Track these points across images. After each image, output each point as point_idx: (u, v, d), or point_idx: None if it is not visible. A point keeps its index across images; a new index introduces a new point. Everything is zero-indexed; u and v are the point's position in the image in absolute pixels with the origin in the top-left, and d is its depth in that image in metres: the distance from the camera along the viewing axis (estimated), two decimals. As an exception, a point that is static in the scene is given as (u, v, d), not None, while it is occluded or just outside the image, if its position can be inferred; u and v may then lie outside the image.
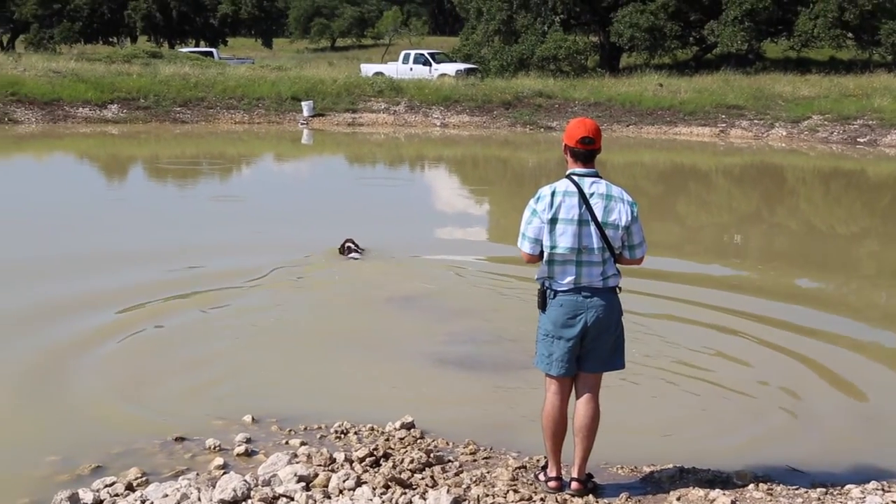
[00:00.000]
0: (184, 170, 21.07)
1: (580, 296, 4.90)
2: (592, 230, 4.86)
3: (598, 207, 4.87)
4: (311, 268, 11.10)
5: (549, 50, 40.05)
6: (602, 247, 4.88)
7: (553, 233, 4.87)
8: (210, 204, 16.16)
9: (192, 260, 11.17)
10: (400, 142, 28.64)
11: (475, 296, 9.92)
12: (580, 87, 34.22)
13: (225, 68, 37.34)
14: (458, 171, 23.03)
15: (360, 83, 34.01)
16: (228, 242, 12.49)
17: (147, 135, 27.65)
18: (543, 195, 4.93)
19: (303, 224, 14.34)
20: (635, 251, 4.99)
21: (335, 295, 9.89)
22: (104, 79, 31.74)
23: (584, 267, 4.89)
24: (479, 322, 8.82)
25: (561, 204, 4.87)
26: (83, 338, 8.01)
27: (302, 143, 28.05)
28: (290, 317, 8.99)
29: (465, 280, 10.74)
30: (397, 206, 16.97)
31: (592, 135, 4.93)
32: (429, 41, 72.79)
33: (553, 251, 4.89)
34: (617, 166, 22.80)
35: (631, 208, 4.92)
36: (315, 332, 8.51)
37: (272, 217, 14.95)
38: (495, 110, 31.96)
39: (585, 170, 4.95)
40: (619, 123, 30.69)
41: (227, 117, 30.80)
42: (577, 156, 4.96)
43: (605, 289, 4.94)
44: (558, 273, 4.92)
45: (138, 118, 29.68)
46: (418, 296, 9.83)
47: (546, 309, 4.99)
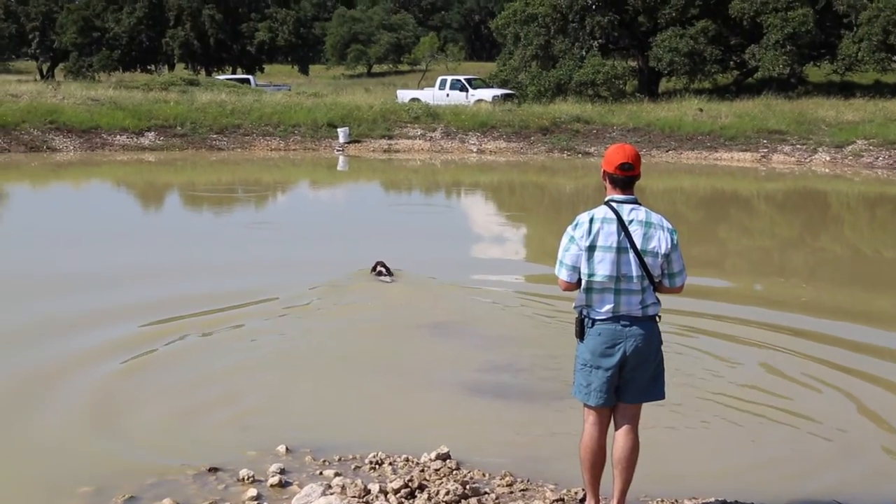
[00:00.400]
0: (219, 197, 21.24)
1: (619, 325, 4.86)
2: (631, 258, 4.83)
3: (637, 234, 4.84)
4: (342, 290, 11.15)
5: (587, 75, 40.03)
6: (641, 275, 4.84)
7: (591, 260, 4.84)
8: (244, 229, 16.27)
9: (220, 284, 11.26)
10: (436, 168, 28.71)
11: (510, 322, 9.87)
12: (619, 112, 34.15)
13: (261, 95, 37.74)
14: (494, 198, 23.02)
15: (396, 109, 34.18)
16: (258, 266, 12.64)
17: (183, 162, 27.95)
18: (581, 222, 4.90)
19: (334, 247, 14.45)
20: (675, 279, 4.94)
21: (366, 319, 9.90)
22: (142, 106, 32.18)
23: (623, 295, 4.84)
24: (515, 349, 8.77)
25: (599, 231, 4.84)
26: (106, 362, 8.07)
27: (337, 170, 28.20)
28: (320, 342, 9.00)
29: (499, 305, 10.70)
30: (432, 230, 17.00)
31: (632, 161, 4.90)
32: (465, 67, 73.05)
33: (591, 279, 4.85)
34: (656, 192, 22.68)
35: (671, 235, 4.89)
36: (347, 358, 8.49)
37: (304, 241, 15.06)
38: (532, 136, 31.96)
39: (624, 196, 4.92)
40: (658, 149, 30.56)
41: (263, 144, 31.06)
42: (615, 182, 4.93)
43: (645, 317, 4.89)
44: (596, 301, 4.88)
45: (175, 145, 30.02)
46: (452, 321, 9.80)
47: (584, 338, 4.94)
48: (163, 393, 7.41)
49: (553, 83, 40.67)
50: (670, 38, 41.03)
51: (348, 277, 11.76)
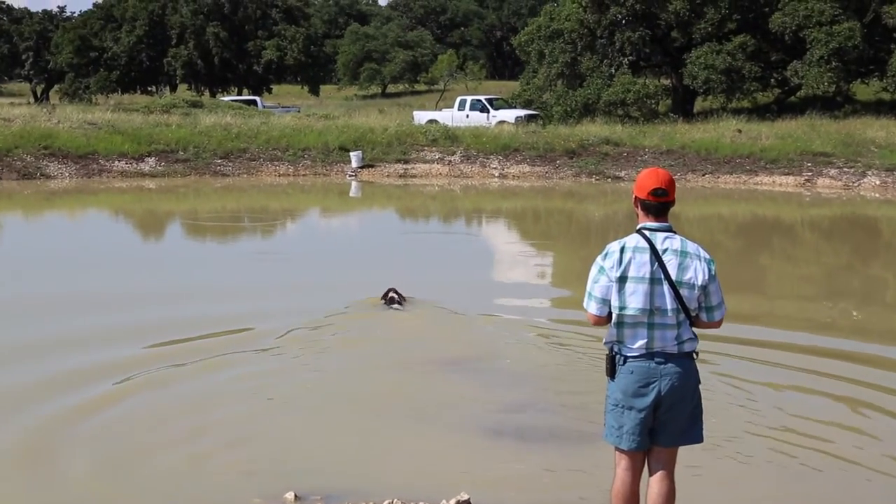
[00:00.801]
0: (223, 227, 21.33)
1: (653, 362, 4.83)
2: (665, 290, 4.81)
3: (672, 265, 4.83)
4: (350, 322, 11.18)
5: (617, 94, 40.11)
6: (676, 308, 4.82)
7: (622, 292, 4.83)
8: (247, 259, 16.32)
9: (219, 317, 11.29)
10: (455, 194, 28.76)
11: (534, 357, 9.82)
12: (651, 133, 34.16)
13: (269, 117, 37.97)
14: (517, 225, 23.02)
15: (412, 132, 34.32)
16: (259, 297, 12.73)
17: (186, 189, 28.12)
18: (612, 251, 4.89)
19: (343, 275, 14.58)
20: (713, 313, 4.93)
21: (377, 354, 9.90)
22: (141, 130, 32.43)
23: (657, 330, 4.83)
24: (540, 387, 8.72)
25: (631, 261, 4.83)
26: (94, 407, 8.08)
27: (350, 196, 28.28)
28: (328, 379, 9.00)
29: (521, 339, 10.67)
30: (448, 258, 17.02)
31: (665, 186, 4.90)
32: (486, 86, 73.36)
33: (622, 312, 4.84)
34: (691, 219, 22.63)
35: (708, 266, 4.87)
36: (357, 396, 8.47)
37: (311, 269, 15.14)
38: (558, 159, 32.00)
39: (658, 224, 4.91)
40: (693, 173, 30.52)
41: (270, 169, 31.23)
42: (648, 209, 4.93)
43: (681, 354, 4.86)
44: (628, 336, 4.86)
45: (177, 171, 30.22)
46: (469, 356, 9.77)
47: (615, 376, 4.92)
48: (162, 434, 7.40)
49: (580, 103, 40.75)
50: (706, 54, 41.08)
51: (357, 307, 11.79)
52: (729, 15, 42.64)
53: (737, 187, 29.30)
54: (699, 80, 41.27)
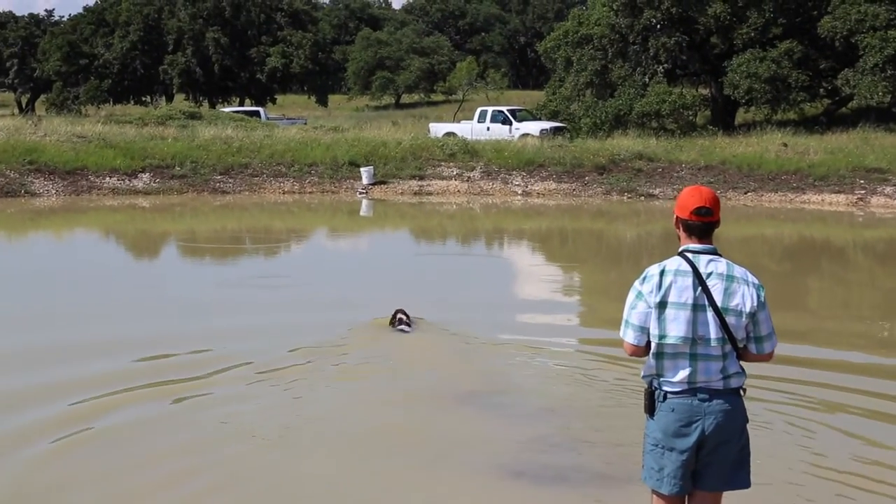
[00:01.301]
0: (223, 249, 21.35)
1: (696, 399, 4.81)
2: (710, 317, 4.79)
3: (717, 290, 4.81)
4: (353, 347, 11.18)
5: (651, 105, 40.10)
6: (722, 337, 4.79)
7: (662, 319, 4.81)
8: (249, 283, 16.31)
9: (212, 344, 11.33)
10: (474, 213, 28.75)
11: (559, 389, 9.74)
12: (688, 147, 34.12)
13: (273, 130, 38.13)
14: (542, 247, 22.98)
15: (428, 145, 34.39)
16: (253, 320, 12.79)
17: (182, 207, 28.21)
18: (651, 275, 4.89)
19: (348, 297, 14.66)
20: (763, 344, 4.89)
21: (383, 385, 9.87)
22: (135, 144, 32.59)
23: (700, 361, 4.80)
24: (567, 424, 8.63)
25: (671, 285, 4.82)
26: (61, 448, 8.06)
27: (360, 216, 28.30)
28: (327, 414, 8.90)
29: (543, 368, 10.63)
30: (465, 281, 17.04)
31: (710, 205, 4.90)
32: (509, 96, 73.57)
33: (662, 341, 4.81)
34: (732, 240, 22.51)
35: (757, 292, 4.85)
36: (359, 434, 8.37)
37: (315, 292, 15.16)
38: (587, 176, 31.98)
39: (701, 246, 4.91)
40: (735, 190, 30.45)
41: (274, 186, 31.31)
42: (691, 230, 4.92)
43: (727, 390, 4.83)
44: (668, 369, 4.83)
45: (173, 188, 30.33)
46: (486, 387, 9.72)
47: (654, 414, 4.89)
48: (145, 476, 7.34)
49: (611, 114, 40.76)
50: (748, 61, 41.06)
51: (361, 330, 11.81)
52: (774, 19, 42.67)
53: (782, 206, 29.20)
54: (741, 90, 41.24)
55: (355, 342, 11.46)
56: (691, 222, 4.90)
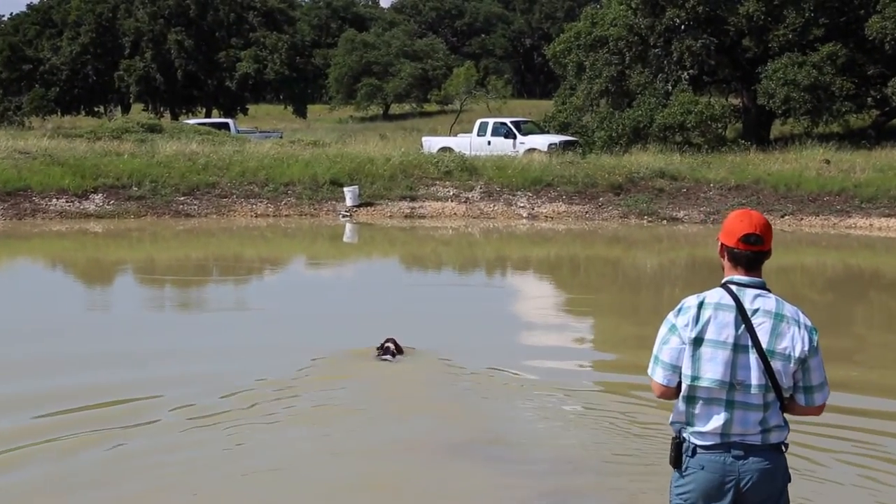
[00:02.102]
0: (187, 280, 21.39)
1: (729, 456, 4.77)
2: (753, 360, 4.75)
3: (764, 329, 4.77)
4: (328, 382, 11.27)
5: (675, 116, 40.23)
6: (765, 384, 4.76)
7: (696, 358, 4.78)
8: (214, 317, 16.36)
9: (147, 383, 11.43)
10: (474, 239, 28.81)
11: (571, 437, 9.72)
12: (717, 164, 34.24)
13: (244, 145, 38.23)
14: (551, 277, 23.01)
15: (421, 162, 34.47)
16: (212, 355, 12.89)
17: (140, 233, 28.24)
18: (687, 306, 4.86)
19: (325, 329, 14.92)
20: (814, 395, 4.86)
21: (360, 431, 9.86)
22: (86, 160, 32.63)
23: (738, 410, 4.77)
24: (580, 479, 8.62)
25: (710, 320, 4.79)
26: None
27: (343, 242, 28.35)
28: (281, 467, 8.85)
29: (551, 409, 10.64)
30: (461, 314, 17.03)
31: (760, 231, 4.88)
32: (512, 106, 73.73)
33: (695, 384, 4.78)
34: (768, 270, 22.37)
35: (810, 335, 4.81)
36: (325, 494, 8.31)
37: (287, 323, 15.21)
38: (601, 196, 32.08)
39: (749, 278, 4.88)
40: (770, 213, 30.50)
41: (245, 209, 31.37)
42: (737, 259, 4.90)
43: (765, 446, 4.80)
44: (700, 416, 4.81)
45: (129, 211, 30.38)
46: (486, 435, 9.71)
47: (682, 469, 4.87)
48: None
49: (629, 127, 40.89)
50: (785, 67, 41.20)
51: (341, 359, 11.88)
52: (814, 19, 42.74)
53: (824, 231, 29.28)
54: (777, 100, 41.36)
55: (328, 376, 11.54)
56: (738, 251, 4.88)
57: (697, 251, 25.88)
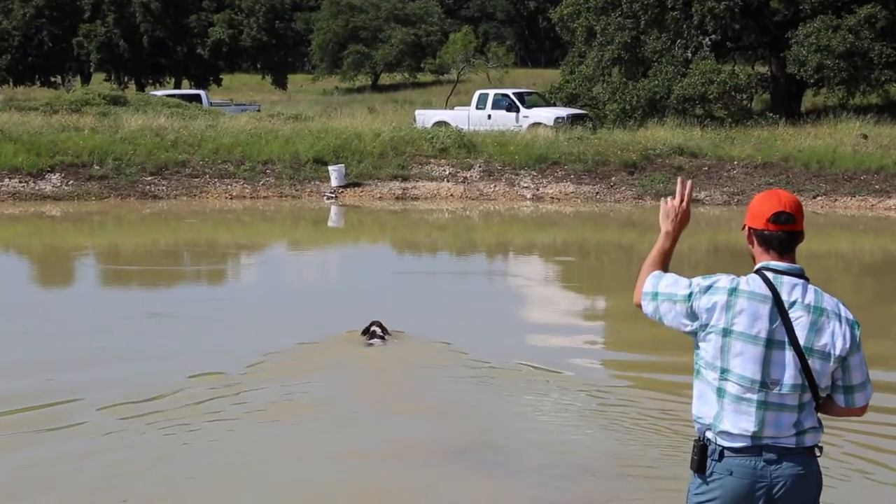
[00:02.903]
0: (156, 272, 21.33)
1: (761, 460, 4.74)
2: (789, 358, 4.73)
3: (802, 324, 4.74)
4: (306, 367, 11.29)
5: (695, 86, 40.20)
6: (801, 384, 4.74)
7: (725, 351, 4.76)
8: (182, 309, 16.37)
9: (81, 386, 11.39)
10: (472, 222, 28.81)
11: (580, 439, 9.72)
12: (742, 140, 34.21)
13: (218, 119, 38.12)
14: (557, 265, 22.98)
15: (414, 138, 34.44)
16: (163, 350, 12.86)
17: (102, 217, 28.22)
18: (718, 287, 4.83)
19: (303, 314, 15.08)
20: (855, 396, 4.84)
21: (321, 427, 9.88)
22: (41, 136, 32.57)
23: (771, 412, 4.74)
24: (591, 489, 8.61)
25: (743, 311, 4.75)
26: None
27: (328, 226, 28.32)
28: (247, 470, 8.85)
29: (559, 403, 10.64)
30: (457, 303, 17.07)
31: (791, 209, 4.85)
32: (515, 76, 73.65)
33: (725, 377, 4.76)
34: (800, 256, 22.57)
35: (852, 330, 4.78)
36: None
37: (259, 308, 15.22)
38: (613, 176, 32.07)
39: (786, 265, 4.85)
40: (801, 193, 30.47)
41: (219, 190, 31.35)
42: (768, 242, 4.87)
43: (800, 449, 4.78)
44: (728, 416, 4.77)
45: (90, 192, 30.34)
46: (476, 433, 9.68)
47: (706, 474, 4.84)
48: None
49: (644, 99, 40.87)
50: (818, 31, 41.11)
51: (318, 345, 11.95)
52: (850, -23, 42.66)
53: (861, 213, 29.30)
54: (809, 68, 41.26)
55: (299, 365, 11.60)
56: (768, 233, 4.85)
57: (720, 236, 25.89)
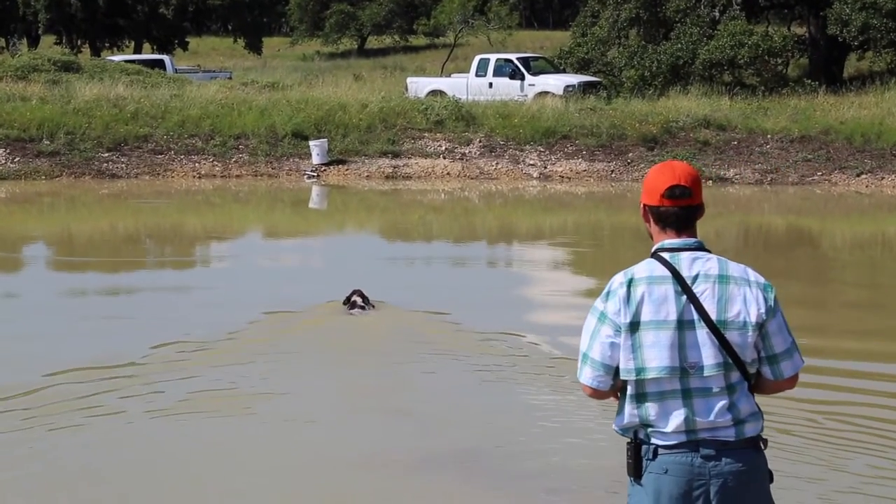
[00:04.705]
0: (114, 263, 21.29)
1: (697, 457, 4.85)
2: (703, 336, 4.84)
3: (709, 297, 4.86)
4: (276, 344, 11.42)
5: (723, 50, 40.21)
6: (723, 362, 4.84)
7: (637, 347, 4.85)
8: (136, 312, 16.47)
9: None
10: (471, 205, 28.85)
11: (600, 443, 9.78)
12: (776, 110, 34.20)
13: (184, 88, 38.13)
14: (567, 253, 22.96)
15: (405, 109, 34.44)
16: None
17: (54, 198, 28.26)
18: (614, 289, 4.93)
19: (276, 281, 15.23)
20: (780, 365, 4.94)
21: (276, 421, 9.96)
22: (-16, 107, 32.68)
23: (697, 399, 4.84)
24: (588, 492, 8.76)
25: (644, 298, 4.86)
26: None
27: (309, 209, 28.34)
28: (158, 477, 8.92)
29: (565, 405, 10.70)
30: (454, 297, 17.10)
31: (686, 182, 4.97)
32: (520, 39, 73.58)
33: (641, 377, 4.85)
34: (839, 241, 22.71)
35: (764, 293, 4.90)
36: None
37: (230, 299, 15.34)
38: (631, 151, 32.11)
39: (682, 241, 4.99)
40: (842, 171, 30.58)
41: (186, 167, 31.37)
42: (664, 219, 5.01)
43: (740, 441, 4.88)
44: (656, 415, 4.88)
45: (39, 170, 30.37)
46: (478, 438, 9.75)
47: (642, 476, 4.95)
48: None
49: (665, 65, 40.88)
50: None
51: (295, 316, 12.21)
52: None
53: (911, 194, 29.39)
54: (852, 28, 41.23)
55: (271, 334, 11.83)
56: (663, 209, 4.96)
57: (751, 218, 25.99)
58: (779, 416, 9.07)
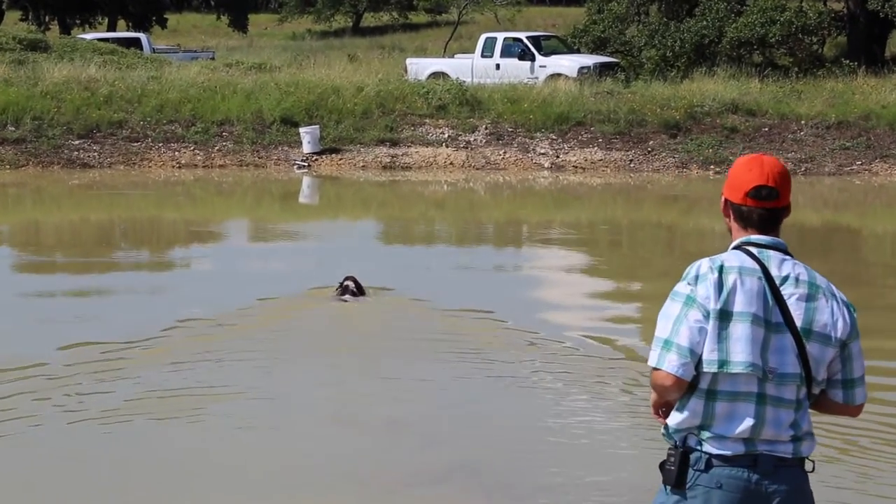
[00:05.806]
0: (86, 264, 21.28)
1: (755, 472, 4.78)
2: (787, 341, 4.79)
3: (797, 302, 4.81)
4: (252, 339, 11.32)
5: (753, 28, 40.22)
6: (799, 374, 4.80)
7: (724, 338, 4.76)
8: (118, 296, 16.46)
9: None
10: (476, 197, 28.86)
11: (614, 456, 9.79)
12: (811, 94, 34.22)
13: (162, 69, 38.16)
14: (581, 251, 22.95)
15: (405, 93, 34.47)
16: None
17: (19, 189, 28.27)
18: (703, 273, 4.83)
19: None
20: (855, 391, 4.93)
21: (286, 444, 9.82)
22: (-56, 90, 32.71)
23: (770, 407, 4.79)
24: None
25: (736, 287, 4.78)
26: None
27: (299, 202, 28.35)
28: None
29: (570, 406, 10.67)
30: (454, 295, 17.12)
31: (774, 183, 4.90)
32: (530, 15, 73.65)
33: (723, 370, 4.75)
34: (880, 239, 22.67)
35: (850, 312, 4.87)
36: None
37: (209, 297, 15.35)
38: (651, 139, 32.10)
39: (768, 238, 4.92)
40: (884, 160, 30.59)
41: (165, 157, 31.36)
42: (746, 220, 4.95)
43: (796, 460, 4.84)
44: (722, 417, 4.80)
45: (4, 159, 30.36)
46: (477, 452, 9.72)
47: (685, 489, 4.85)
48: None
49: (689, 44, 40.88)
50: (907, -43, 41.14)
51: (279, 305, 12.15)
52: None
53: (960, 186, 29.41)
54: (895, 3, 41.25)
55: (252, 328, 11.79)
56: (745, 209, 4.91)
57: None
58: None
